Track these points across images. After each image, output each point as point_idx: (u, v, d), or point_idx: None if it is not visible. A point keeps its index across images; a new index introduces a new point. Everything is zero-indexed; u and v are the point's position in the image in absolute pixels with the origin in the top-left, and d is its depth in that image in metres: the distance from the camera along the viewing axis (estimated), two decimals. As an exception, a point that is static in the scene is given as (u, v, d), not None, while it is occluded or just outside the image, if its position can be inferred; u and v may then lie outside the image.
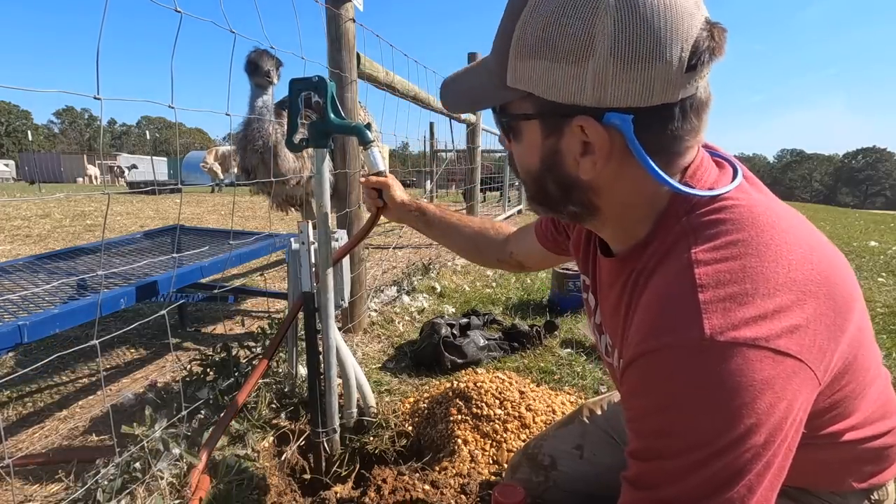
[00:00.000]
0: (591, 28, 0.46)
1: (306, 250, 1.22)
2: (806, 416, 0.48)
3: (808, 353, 0.46)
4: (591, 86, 0.47)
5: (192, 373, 1.52)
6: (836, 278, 0.49)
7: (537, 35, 0.48)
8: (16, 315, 1.35)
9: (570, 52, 0.47)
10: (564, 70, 0.48)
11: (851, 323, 0.51)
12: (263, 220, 6.70)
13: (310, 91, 1.13)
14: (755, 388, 0.43)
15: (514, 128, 0.56)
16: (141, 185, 12.68)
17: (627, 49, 0.45)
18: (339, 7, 1.81)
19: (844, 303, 0.49)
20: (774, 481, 0.46)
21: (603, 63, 0.46)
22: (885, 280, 3.44)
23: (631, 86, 0.47)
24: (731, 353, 0.44)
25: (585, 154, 0.52)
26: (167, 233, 2.78)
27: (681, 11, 0.46)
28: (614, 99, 0.47)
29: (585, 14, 0.46)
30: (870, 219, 10.89)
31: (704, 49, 0.47)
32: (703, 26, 0.47)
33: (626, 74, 0.46)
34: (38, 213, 7.06)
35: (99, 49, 0.87)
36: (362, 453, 1.35)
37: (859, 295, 0.55)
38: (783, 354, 0.44)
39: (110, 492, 1.02)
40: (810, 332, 0.46)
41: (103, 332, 2.20)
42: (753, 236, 0.49)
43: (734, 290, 0.46)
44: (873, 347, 0.61)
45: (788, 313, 0.45)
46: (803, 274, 0.47)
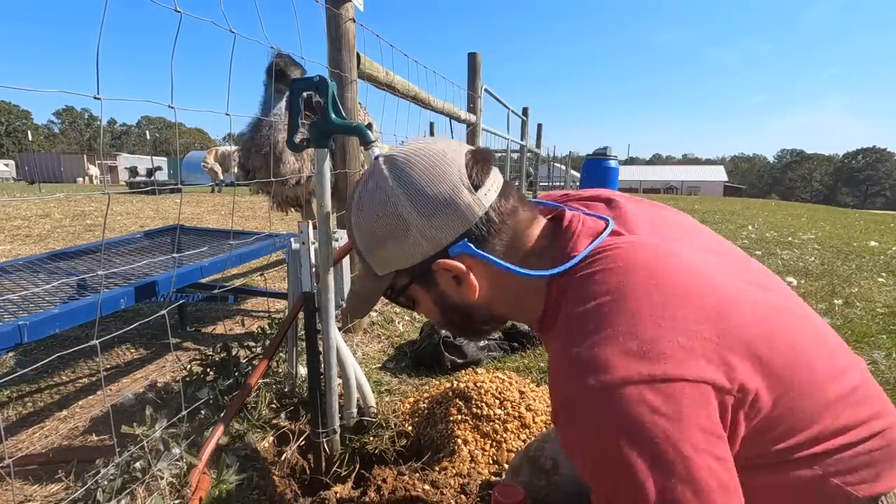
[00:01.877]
0: (396, 210, 0.60)
1: (307, 250, 1.22)
2: (723, 426, 0.50)
3: (685, 369, 0.49)
4: (425, 241, 0.60)
5: (192, 373, 1.52)
6: (700, 291, 0.54)
7: (367, 233, 0.63)
8: (16, 315, 1.35)
9: (396, 232, 0.61)
10: (402, 244, 0.61)
11: (743, 329, 0.53)
12: (263, 220, 6.69)
13: (311, 91, 1.13)
14: (643, 421, 0.47)
15: (407, 298, 0.69)
16: (141, 185, 12.68)
17: (426, 206, 0.59)
18: (339, 7, 1.81)
19: (718, 312, 0.53)
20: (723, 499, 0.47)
21: (420, 224, 0.60)
22: (885, 280, 3.44)
23: (447, 224, 0.60)
24: (610, 397, 0.48)
25: (460, 283, 0.63)
26: (167, 233, 2.78)
27: (442, 160, 0.60)
28: (445, 238, 0.60)
29: (386, 204, 0.60)
30: (870, 219, 10.90)
31: (475, 171, 0.61)
32: (467, 158, 0.62)
33: (439, 220, 0.60)
34: (38, 213, 7.06)
35: (99, 49, 0.87)
36: (362, 453, 1.35)
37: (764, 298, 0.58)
38: (660, 381, 0.48)
39: (110, 492, 1.02)
40: (680, 349, 0.50)
41: (103, 332, 2.20)
42: (613, 285, 0.55)
43: (599, 339, 0.52)
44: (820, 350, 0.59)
45: (650, 341, 0.50)
46: (661, 299, 0.52)
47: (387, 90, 2.38)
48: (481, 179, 0.61)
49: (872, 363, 1.92)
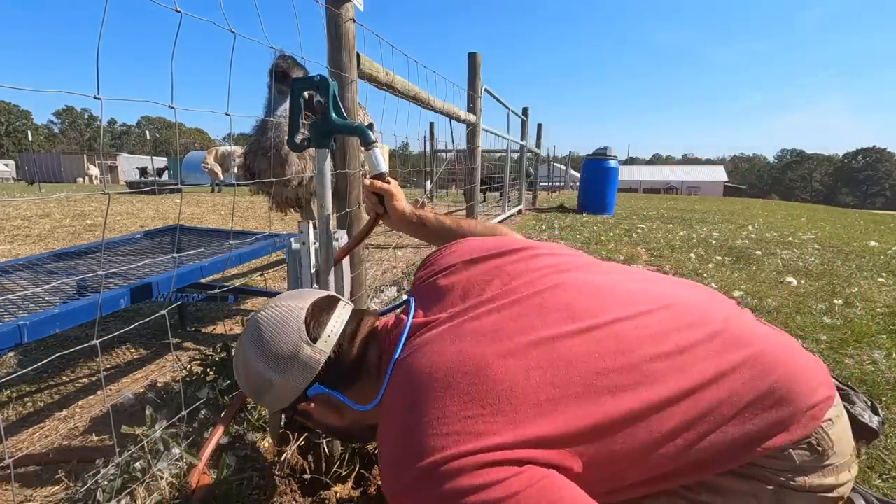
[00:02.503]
0: (258, 372, 0.74)
1: (306, 250, 1.22)
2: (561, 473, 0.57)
3: (481, 442, 0.56)
4: (287, 390, 0.74)
5: (192, 373, 1.51)
6: (464, 366, 0.62)
7: (248, 389, 0.78)
8: (16, 315, 1.35)
9: (264, 387, 0.75)
10: (272, 394, 0.75)
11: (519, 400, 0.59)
12: (263, 220, 6.69)
13: (311, 91, 1.12)
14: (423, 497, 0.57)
15: (298, 426, 0.83)
16: (141, 185, 12.67)
17: (278, 365, 0.73)
18: (339, 7, 1.80)
19: (480, 376, 0.61)
20: None
21: (279, 379, 0.74)
22: (885, 280, 3.44)
23: (298, 375, 0.74)
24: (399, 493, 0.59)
25: (326, 415, 0.77)
26: (167, 233, 2.78)
27: (284, 318, 0.75)
28: (301, 383, 0.74)
29: (250, 370, 0.75)
30: (870, 219, 10.90)
31: (311, 324, 0.75)
32: (307, 312, 0.76)
33: (292, 373, 0.73)
34: (38, 213, 7.06)
35: (99, 49, 0.87)
36: (362, 453, 1.35)
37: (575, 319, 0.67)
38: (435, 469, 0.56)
39: (110, 492, 1.02)
40: (451, 437, 0.57)
41: (103, 332, 2.20)
42: (397, 408, 0.65)
43: (390, 447, 0.63)
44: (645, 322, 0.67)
45: (421, 440, 0.58)
46: (421, 392, 0.62)
47: (387, 90, 2.38)
48: (318, 332, 0.75)
49: (872, 363, 1.92)
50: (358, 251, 2.16)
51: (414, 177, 17.75)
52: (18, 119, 59.90)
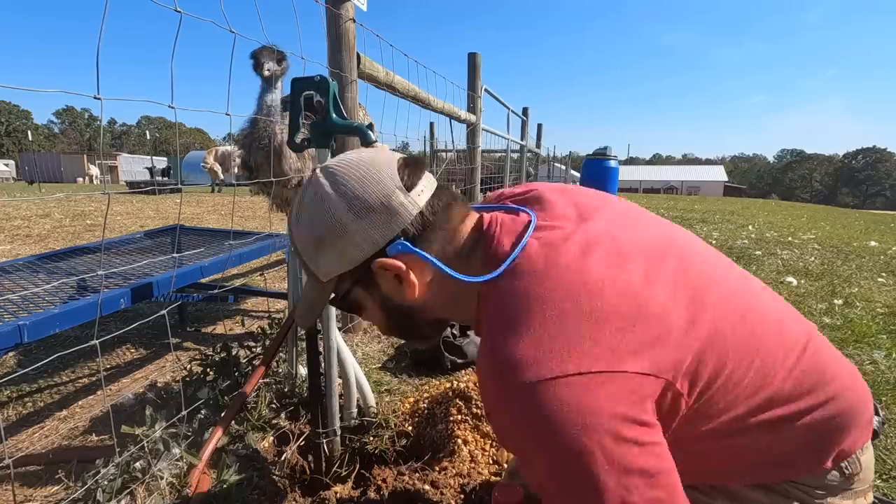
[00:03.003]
0: (333, 215, 0.61)
1: (306, 250, 1.22)
2: (651, 413, 0.52)
3: (602, 363, 0.51)
4: (363, 241, 0.62)
5: (192, 373, 1.52)
6: (612, 284, 0.56)
7: (308, 239, 0.64)
8: (16, 315, 1.35)
9: (334, 236, 0.62)
10: (339, 248, 0.62)
11: (662, 315, 0.55)
12: (263, 220, 6.69)
13: (311, 90, 1.13)
14: (562, 415, 0.49)
15: (352, 303, 0.70)
16: (141, 185, 12.67)
17: (362, 209, 0.61)
18: (339, 7, 1.81)
19: (628, 300, 0.55)
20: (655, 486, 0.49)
21: (356, 226, 0.61)
22: (885, 280, 3.44)
23: (383, 224, 0.62)
24: (528, 395, 0.51)
25: (401, 283, 0.64)
26: (167, 233, 2.78)
27: (374, 165, 0.63)
28: (381, 237, 0.62)
29: (322, 207, 0.62)
30: (870, 219, 10.90)
31: (406, 174, 0.63)
32: (399, 163, 0.64)
33: (374, 221, 0.61)
34: (38, 213, 7.06)
35: (99, 49, 0.87)
36: (362, 453, 1.35)
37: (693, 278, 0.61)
38: (574, 376, 0.50)
39: (110, 492, 1.02)
40: (601, 344, 0.52)
41: (103, 332, 2.20)
42: (532, 290, 0.57)
43: (516, 343, 0.54)
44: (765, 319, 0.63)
45: (558, 339, 0.52)
46: (569, 300, 0.54)
47: (387, 90, 2.38)
48: (413, 181, 0.64)
49: (873, 363, 1.92)
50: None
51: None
52: (18, 119, 59.92)
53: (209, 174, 13.19)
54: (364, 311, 0.71)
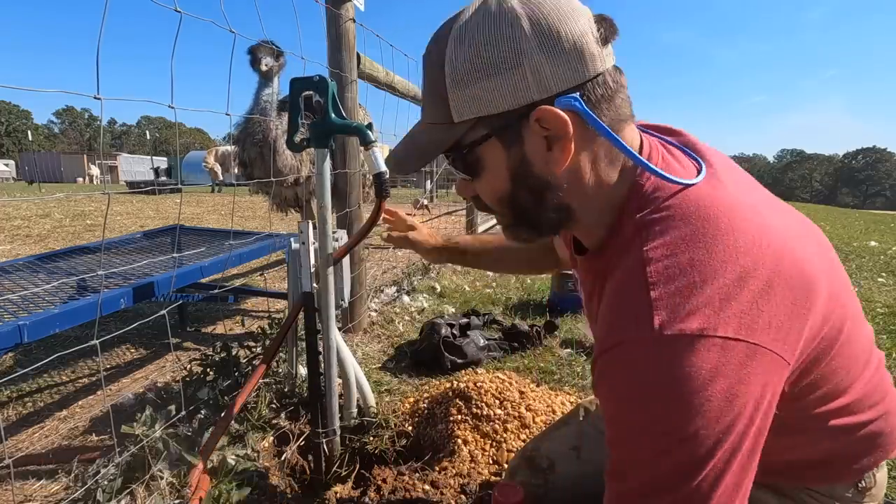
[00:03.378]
0: (514, 36, 0.50)
1: (306, 250, 1.22)
2: (776, 398, 0.48)
3: (762, 335, 0.46)
4: (534, 81, 0.51)
5: (192, 373, 1.52)
6: (790, 257, 0.50)
7: (470, 62, 0.52)
8: (16, 315, 1.35)
9: (505, 63, 0.51)
10: (505, 79, 0.51)
11: (819, 300, 0.51)
12: (263, 220, 6.69)
13: (311, 90, 1.13)
14: (705, 377, 0.45)
15: (473, 160, 0.57)
16: (141, 185, 12.68)
17: (550, 42, 0.50)
18: (339, 7, 1.81)
19: (803, 281, 0.50)
20: (746, 464, 0.47)
21: (536, 60, 0.50)
22: (885, 280, 3.44)
23: (565, 69, 0.51)
24: (680, 345, 0.45)
25: (551, 147, 0.53)
26: (167, 233, 2.78)
27: (572, 1, 0.53)
28: (556, 84, 0.51)
29: (503, 26, 0.51)
30: (870, 219, 10.90)
31: (604, 25, 0.53)
32: (592, 12, 0.54)
33: (558, 62, 0.50)
34: (38, 213, 7.06)
35: (99, 48, 0.87)
36: (362, 453, 1.35)
37: (831, 272, 0.56)
38: (733, 340, 0.45)
39: (110, 492, 1.02)
40: (764, 314, 0.47)
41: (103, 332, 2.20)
42: (700, 229, 0.50)
43: (681, 284, 0.48)
44: (862, 323, 0.61)
45: (736, 299, 0.47)
46: (751, 259, 0.48)
47: (387, 90, 2.38)
48: (608, 37, 0.53)
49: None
50: (357, 251, 2.16)
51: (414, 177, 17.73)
52: (18, 119, 59.95)
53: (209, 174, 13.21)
54: (481, 175, 0.58)
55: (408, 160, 0.60)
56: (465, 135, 0.55)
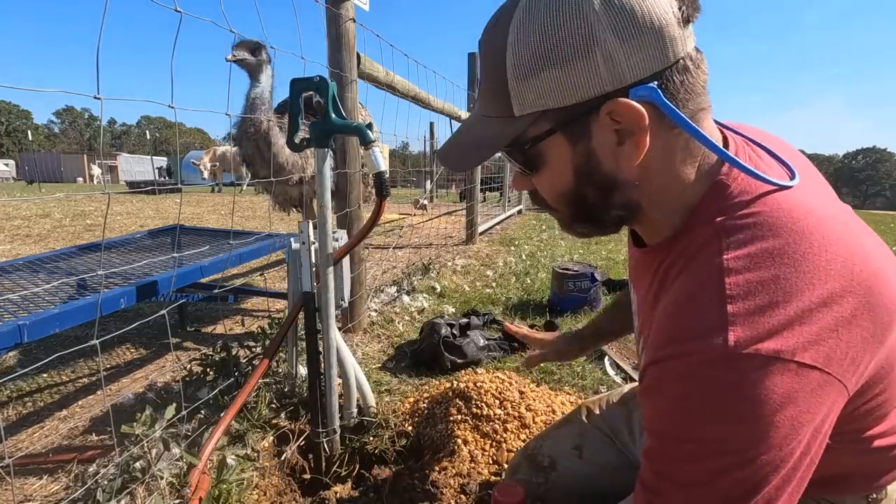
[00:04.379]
0: (585, 19, 0.45)
1: (306, 250, 1.22)
2: (831, 428, 0.47)
3: (836, 366, 0.44)
4: (606, 71, 0.46)
5: (192, 373, 1.52)
6: (878, 287, 0.47)
7: (535, 50, 0.47)
8: (16, 315, 1.35)
9: (574, 50, 0.46)
10: (574, 69, 0.46)
11: (894, 332, 0.48)
12: (263, 220, 6.70)
13: (311, 91, 1.13)
14: (776, 401, 0.42)
15: (535, 155, 0.53)
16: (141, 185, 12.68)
17: (626, 23, 0.45)
18: (339, 7, 1.81)
19: (887, 313, 0.47)
20: (794, 494, 0.45)
21: (610, 45, 0.46)
22: (885, 280, 3.44)
23: (643, 55, 0.46)
24: (754, 365, 0.43)
25: (623, 142, 0.49)
26: (167, 232, 2.78)
27: None
28: (631, 72, 0.46)
29: (573, 9, 0.46)
30: (870, 219, 10.89)
31: (686, 2, 0.48)
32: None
33: (634, 45, 0.46)
34: (38, 213, 7.06)
35: (99, 49, 0.87)
36: (362, 453, 1.35)
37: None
38: (808, 367, 0.43)
39: (110, 492, 1.02)
40: (843, 343, 0.44)
41: (103, 332, 2.20)
42: (790, 244, 0.46)
43: (763, 302, 0.44)
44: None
45: (818, 325, 0.44)
46: (840, 284, 0.45)
47: (387, 90, 2.39)
48: (691, 15, 0.48)
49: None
50: (357, 251, 2.16)
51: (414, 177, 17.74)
52: (18, 119, 59.95)
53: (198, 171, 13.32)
54: (543, 171, 0.54)
55: (465, 159, 0.56)
56: (527, 129, 0.51)
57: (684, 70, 0.48)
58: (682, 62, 0.48)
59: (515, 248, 4.33)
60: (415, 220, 6.06)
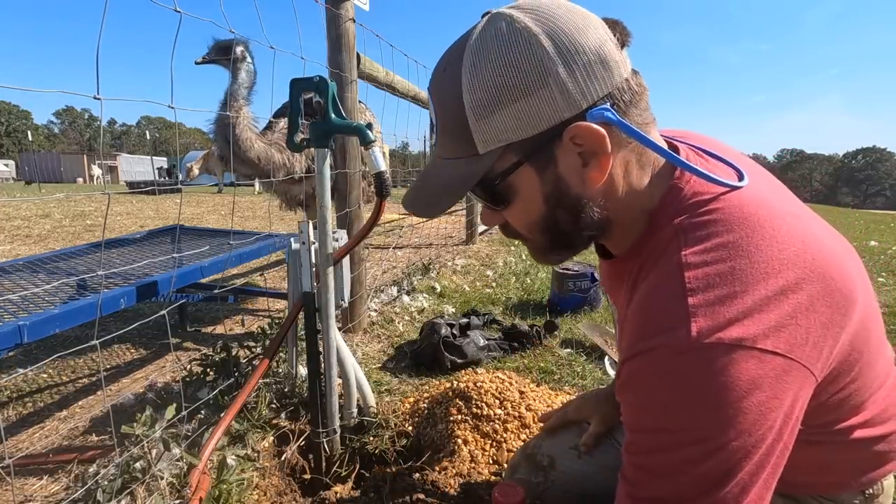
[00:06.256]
0: (535, 54, 0.48)
1: (306, 250, 1.22)
2: (802, 414, 0.48)
3: (799, 351, 0.46)
4: (562, 99, 0.49)
5: (192, 373, 1.52)
6: (833, 273, 0.49)
7: (493, 88, 0.49)
8: (16, 315, 1.35)
9: (530, 84, 0.49)
10: (532, 101, 0.49)
11: (853, 318, 0.50)
12: (263, 220, 6.70)
13: (311, 91, 1.13)
14: (742, 388, 0.44)
15: (505, 189, 0.54)
16: (141, 185, 12.69)
17: (571, 53, 0.48)
18: (338, 7, 1.81)
19: (843, 298, 0.49)
20: (769, 480, 0.46)
21: (562, 76, 0.49)
22: (885, 280, 3.44)
23: (592, 80, 0.49)
24: (717, 354, 0.44)
25: (587, 164, 0.52)
26: (167, 233, 2.78)
27: (582, 10, 0.52)
28: (584, 98, 0.49)
29: (522, 45, 0.48)
30: (870, 219, 10.89)
31: (617, 29, 0.52)
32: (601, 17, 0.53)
33: (583, 73, 0.49)
34: (38, 213, 7.06)
35: (99, 49, 0.87)
36: (362, 453, 1.35)
37: (865, 290, 0.55)
38: (771, 353, 0.45)
39: (110, 492, 1.02)
40: (802, 329, 0.46)
41: (103, 332, 2.20)
42: (743, 237, 0.49)
43: (722, 293, 0.46)
44: (883, 345, 0.61)
45: (776, 312, 0.46)
46: (795, 273, 0.47)
47: (387, 90, 2.39)
48: (625, 39, 0.52)
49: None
50: (357, 251, 2.16)
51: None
52: (18, 119, 59.98)
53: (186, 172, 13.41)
54: (514, 203, 0.55)
55: (436, 204, 0.56)
56: (494, 165, 0.53)
57: (629, 90, 0.51)
58: (626, 83, 0.51)
59: (515, 248, 4.33)
60: (415, 220, 6.06)
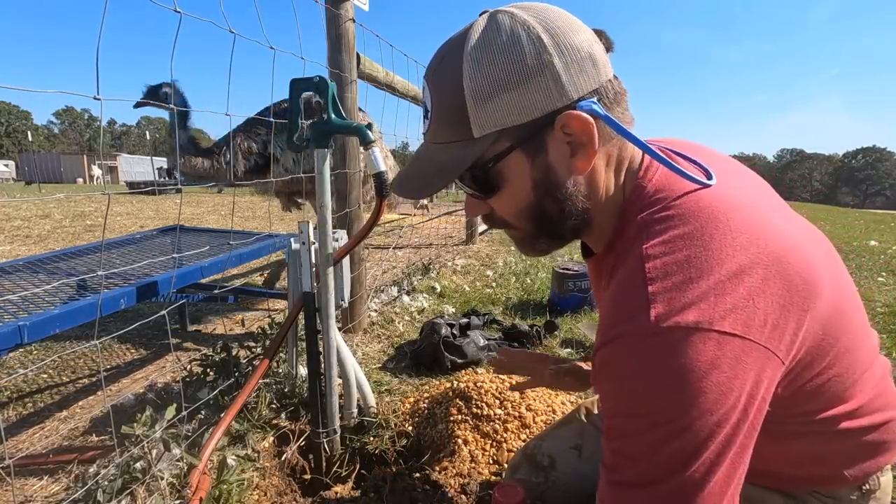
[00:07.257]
0: (535, 46, 0.52)
1: (306, 250, 1.22)
2: (770, 395, 0.49)
3: (757, 332, 0.47)
4: (555, 89, 0.53)
5: (192, 373, 1.52)
6: (790, 259, 0.51)
7: (492, 75, 0.53)
8: (16, 315, 1.35)
9: (528, 73, 0.52)
10: (528, 89, 0.52)
11: (819, 303, 0.51)
12: (263, 220, 6.70)
13: (310, 91, 1.13)
14: (701, 369, 0.45)
15: (495, 175, 0.57)
16: (141, 186, 12.69)
17: (568, 50, 0.53)
18: (338, 7, 1.81)
19: (802, 282, 0.50)
20: (737, 459, 0.47)
21: (557, 69, 0.52)
22: (885, 280, 3.44)
23: (582, 74, 0.53)
24: (677, 337, 0.46)
25: (574, 153, 0.55)
26: (167, 233, 2.78)
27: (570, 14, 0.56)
28: (575, 90, 0.53)
29: (522, 37, 0.52)
30: (870, 219, 10.88)
31: (603, 37, 0.57)
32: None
33: (575, 67, 0.53)
34: (38, 214, 7.06)
35: (99, 49, 0.87)
36: (362, 453, 1.35)
37: (836, 278, 0.57)
38: (728, 335, 0.46)
39: (110, 492, 1.02)
40: (760, 311, 0.48)
41: (103, 332, 2.20)
42: (699, 228, 0.52)
43: (678, 279, 0.49)
44: (865, 333, 0.61)
45: (732, 295, 0.47)
46: (748, 257, 0.49)
47: (387, 90, 2.39)
48: (609, 44, 0.57)
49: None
50: (358, 251, 2.16)
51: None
52: (18, 119, 59.98)
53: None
54: (503, 190, 0.58)
55: (427, 186, 0.59)
56: (488, 149, 0.55)
57: (613, 90, 0.56)
58: (610, 83, 0.56)
59: (515, 248, 4.33)
60: (415, 220, 6.06)
